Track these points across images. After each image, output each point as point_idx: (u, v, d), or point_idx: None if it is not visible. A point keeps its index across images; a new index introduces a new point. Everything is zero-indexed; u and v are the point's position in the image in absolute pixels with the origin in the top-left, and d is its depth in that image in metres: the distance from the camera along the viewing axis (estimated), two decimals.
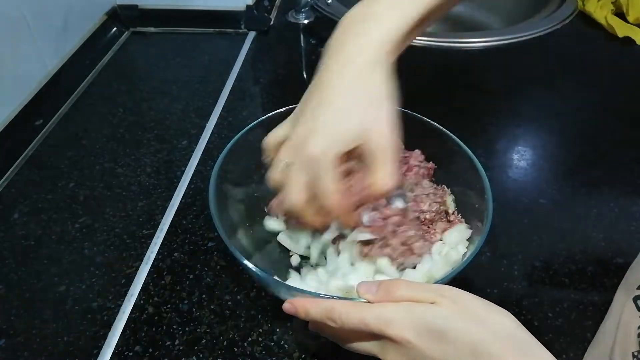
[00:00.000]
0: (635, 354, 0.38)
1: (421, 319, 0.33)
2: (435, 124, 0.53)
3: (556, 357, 0.31)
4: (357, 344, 0.37)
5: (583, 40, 0.94)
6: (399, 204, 0.48)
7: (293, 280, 0.48)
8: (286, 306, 0.39)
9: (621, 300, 0.45)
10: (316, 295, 0.39)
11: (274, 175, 0.43)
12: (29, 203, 0.61)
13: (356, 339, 0.36)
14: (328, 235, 0.48)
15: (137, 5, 0.93)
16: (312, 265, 0.51)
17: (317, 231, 0.49)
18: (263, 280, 0.41)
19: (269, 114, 0.54)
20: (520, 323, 0.33)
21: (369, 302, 0.36)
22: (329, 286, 0.45)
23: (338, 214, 0.42)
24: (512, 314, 0.33)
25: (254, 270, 0.41)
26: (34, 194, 0.63)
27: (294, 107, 0.58)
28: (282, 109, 0.54)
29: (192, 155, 0.68)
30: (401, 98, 0.56)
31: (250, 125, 0.53)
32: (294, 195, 0.41)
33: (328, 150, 0.39)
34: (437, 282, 0.40)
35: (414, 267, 0.47)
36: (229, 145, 0.51)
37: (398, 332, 0.33)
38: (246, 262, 0.41)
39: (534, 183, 0.64)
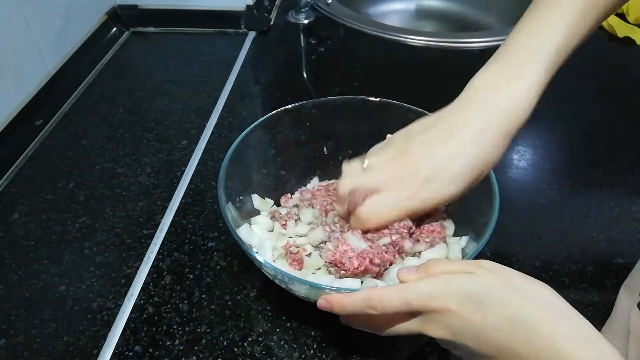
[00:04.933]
0: None
1: (461, 288, 0.33)
2: None
3: None
4: (397, 327, 0.37)
5: None
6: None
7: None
8: (321, 303, 0.39)
9: (624, 304, 0.44)
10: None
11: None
12: (29, 203, 0.61)
13: (395, 321, 0.36)
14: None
15: (137, 5, 0.93)
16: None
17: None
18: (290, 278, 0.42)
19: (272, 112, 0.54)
20: (557, 294, 0.33)
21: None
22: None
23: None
24: None
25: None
26: (34, 194, 0.63)
27: (293, 107, 0.58)
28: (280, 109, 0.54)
29: (192, 155, 0.68)
30: (402, 98, 0.56)
31: (260, 120, 0.54)
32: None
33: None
34: None
35: None
36: (236, 141, 0.52)
37: (440, 303, 0.33)
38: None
39: (534, 183, 0.64)
